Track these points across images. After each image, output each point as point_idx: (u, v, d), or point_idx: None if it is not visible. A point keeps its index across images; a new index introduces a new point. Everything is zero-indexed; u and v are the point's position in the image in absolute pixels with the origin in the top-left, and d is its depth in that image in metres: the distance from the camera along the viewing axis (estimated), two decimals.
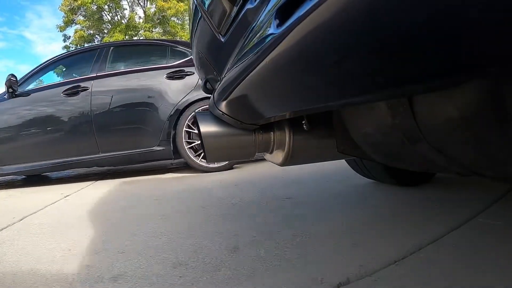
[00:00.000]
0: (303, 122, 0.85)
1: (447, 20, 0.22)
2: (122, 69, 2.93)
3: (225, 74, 0.74)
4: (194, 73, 2.74)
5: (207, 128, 0.86)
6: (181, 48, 3.00)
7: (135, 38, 16.30)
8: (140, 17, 17.14)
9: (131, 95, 2.76)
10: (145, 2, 17.34)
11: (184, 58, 2.89)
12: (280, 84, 0.49)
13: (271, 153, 0.96)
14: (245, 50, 0.56)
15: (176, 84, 2.76)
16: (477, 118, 0.47)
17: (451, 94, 0.48)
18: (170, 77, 2.77)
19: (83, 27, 16.62)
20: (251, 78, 0.53)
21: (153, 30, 17.03)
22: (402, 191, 1.52)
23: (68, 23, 16.48)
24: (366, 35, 0.28)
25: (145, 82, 2.78)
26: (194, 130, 2.64)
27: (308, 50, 0.36)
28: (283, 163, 0.91)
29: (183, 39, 16.18)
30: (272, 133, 0.90)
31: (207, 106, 2.57)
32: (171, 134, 2.66)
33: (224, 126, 0.86)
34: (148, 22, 16.78)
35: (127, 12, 17.57)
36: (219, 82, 0.81)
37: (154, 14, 16.73)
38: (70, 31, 17.25)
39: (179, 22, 17.39)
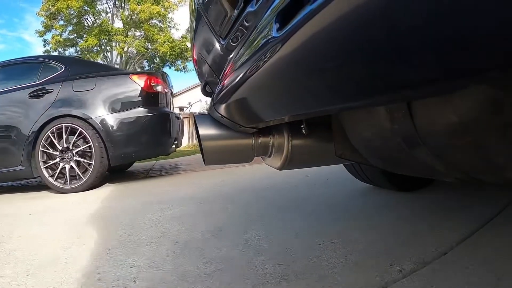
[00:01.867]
0: (302, 126, 0.85)
1: (446, 24, 0.22)
2: None
3: (224, 77, 0.74)
4: (53, 90, 2.79)
5: (206, 131, 0.86)
6: (54, 63, 3.03)
7: (113, 42, 16.42)
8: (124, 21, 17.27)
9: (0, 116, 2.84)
10: (123, 5, 17.41)
11: (52, 75, 2.92)
12: (279, 88, 0.49)
13: (269, 156, 0.96)
14: (245, 53, 0.56)
15: (37, 102, 2.80)
16: (476, 123, 0.47)
17: (450, 100, 0.48)
18: (33, 96, 2.82)
19: (60, 32, 16.75)
20: (250, 81, 0.53)
21: (129, 33, 17.11)
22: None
23: (47, 28, 16.60)
24: (366, 40, 0.28)
25: (11, 102, 2.85)
26: (49, 150, 2.69)
27: (308, 54, 0.36)
28: (282, 167, 0.91)
29: (159, 41, 16.18)
30: (271, 136, 0.90)
31: (62, 125, 2.65)
32: (30, 153, 2.71)
33: (223, 129, 0.86)
34: (123, 26, 16.89)
35: (110, 16, 17.77)
36: (218, 85, 0.81)
37: (128, 17, 16.85)
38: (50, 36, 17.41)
39: (161, 24, 17.48)
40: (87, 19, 17.15)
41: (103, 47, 17.56)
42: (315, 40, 0.33)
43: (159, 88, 2.97)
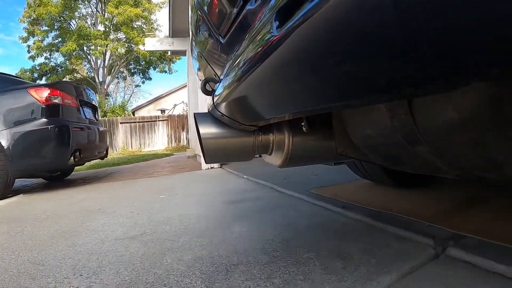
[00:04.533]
0: (303, 123, 0.85)
1: (446, 22, 0.22)
2: None
3: (225, 75, 0.74)
4: None
5: (206, 129, 0.86)
6: None
7: (94, 46, 16.49)
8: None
9: None
10: (103, 8, 17.49)
11: None
12: (279, 86, 0.49)
13: (270, 154, 0.96)
14: (245, 52, 0.55)
15: None
16: (476, 121, 0.47)
17: (450, 97, 0.48)
18: None
19: (42, 38, 16.98)
20: (250, 79, 0.53)
21: (111, 36, 17.27)
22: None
23: (30, 34, 16.82)
24: (366, 37, 0.28)
25: None
26: None
27: (308, 52, 0.36)
28: (282, 165, 0.91)
29: (140, 43, 16.17)
30: (271, 134, 0.90)
31: None
32: None
33: (223, 127, 0.86)
34: (104, 29, 17.05)
35: (94, 19, 17.94)
36: (218, 83, 0.81)
37: (107, 20, 16.99)
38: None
39: (145, 26, 17.55)
40: (69, 23, 17.30)
41: (86, 51, 17.72)
42: (315, 37, 0.33)
43: (57, 101, 3.06)
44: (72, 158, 3.10)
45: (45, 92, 2.99)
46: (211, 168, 3.97)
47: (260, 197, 1.90)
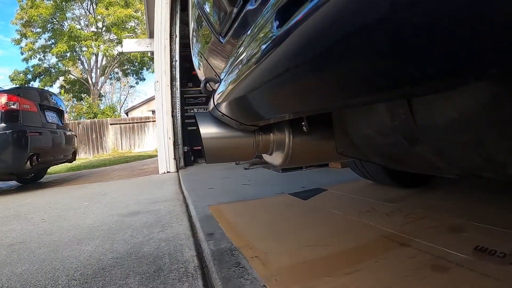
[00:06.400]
0: (303, 123, 0.85)
1: (446, 21, 0.22)
2: None
3: (225, 75, 0.74)
4: None
5: (207, 129, 0.86)
6: None
7: (84, 48, 16.74)
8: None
9: None
10: (93, 10, 17.57)
11: None
12: (280, 85, 0.49)
13: (270, 154, 0.96)
14: (245, 51, 0.56)
15: None
16: (476, 120, 0.47)
17: (450, 96, 0.48)
18: None
19: (34, 40, 17.16)
20: (251, 79, 0.53)
21: (105, 37, 17.43)
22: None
23: (23, 36, 17.03)
24: (366, 37, 0.28)
25: None
26: None
27: (308, 52, 0.36)
28: (283, 164, 0.91)
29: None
30: (271, 134, 0.90)
31: None
32: None
33: (224, 127, 0.86)
34: (92, 31, 17.29)
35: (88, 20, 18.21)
36: (219, 83, 0.81)
37: (98, 21, 17.14)
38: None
39: (138, 27, 17.69)
40: (62, 25, 17.40)
41: (79, 52, 17.85)
42: (315, 36, 0.33)
43: (15, 106, 3.14)
44: (29, 162, 3.15)
45: (3, 98, 3.09)
46: (167, 172, 3.99)
47: (159, 210, 1.83)
